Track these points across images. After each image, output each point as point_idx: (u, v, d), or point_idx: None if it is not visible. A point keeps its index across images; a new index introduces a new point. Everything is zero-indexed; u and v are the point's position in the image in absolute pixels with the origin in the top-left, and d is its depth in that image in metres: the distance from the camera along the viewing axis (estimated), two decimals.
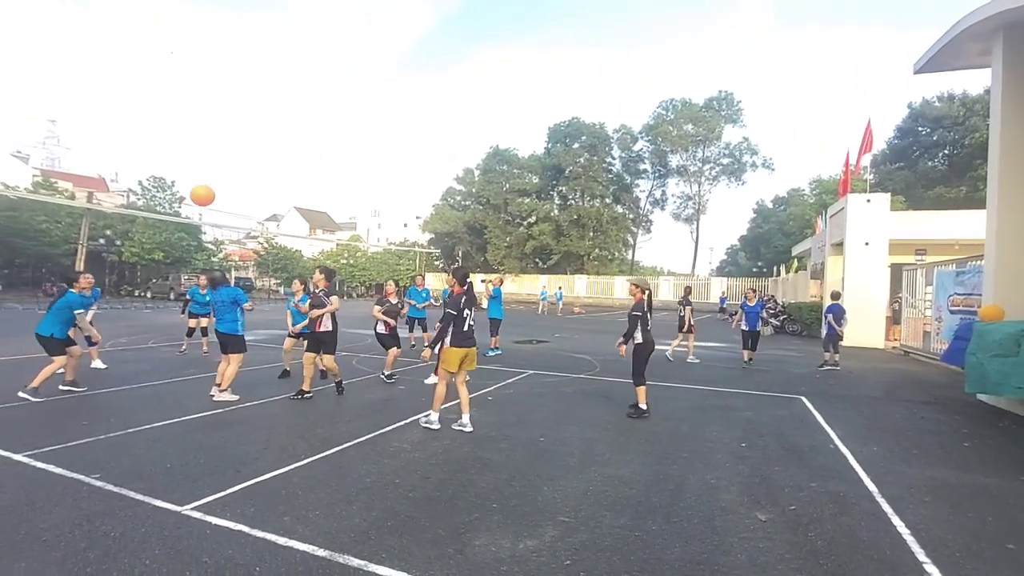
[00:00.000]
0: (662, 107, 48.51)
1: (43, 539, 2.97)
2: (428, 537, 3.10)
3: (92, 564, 2.72)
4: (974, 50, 8.36)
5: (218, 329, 6.70)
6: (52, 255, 32.03)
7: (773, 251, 44.32)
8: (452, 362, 5.31)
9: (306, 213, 79.73)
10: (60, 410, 5.90)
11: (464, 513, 3.44)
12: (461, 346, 5.33)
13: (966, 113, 36.74)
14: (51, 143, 69.09)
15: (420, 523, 3.28)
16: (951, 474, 4.52)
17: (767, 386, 8.39)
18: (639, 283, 6.46)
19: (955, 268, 11.46)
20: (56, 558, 2.78)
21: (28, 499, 3.50)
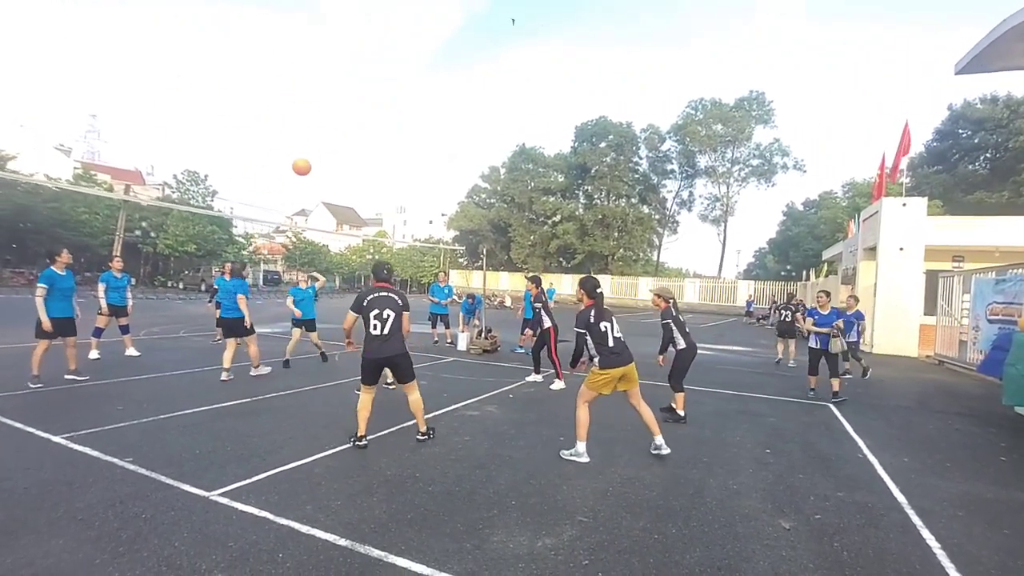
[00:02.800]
0: (691, 107, 47.77)
1: (79, 518, 3.10)
2: (446, 531, 3.13)
3: (124, 544, 2.83)
4: (1020, 50, 8.02)
5: (223, 316, 7.45)
6: (91, 245, 33.23)
7: (802, 255, 43.31)
8: (599, 384, 4.48)
9: (333, 208, 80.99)
10: (96, 395, 6.12)
11: (483, 509, 3.46)
12: (610, 367, 4.44)
13: (1010, 115, 35.32)
14: (91, 137, 71.71)
15: (439, 517, 3.31)
16: (986, 489, 4.37)
17: (794, 392, 8.21)
18: (661, 292, 6.20)
19: (995, 276, 11.04)
20: (91, 536, 2.89)
21: (66, 479, 3.64)
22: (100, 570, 2.59)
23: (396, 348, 4.64)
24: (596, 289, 4.71)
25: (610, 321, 4.57)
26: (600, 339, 4.47)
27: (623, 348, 4.56)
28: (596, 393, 4.55)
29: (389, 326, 4.57)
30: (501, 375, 8.47)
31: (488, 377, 8.23)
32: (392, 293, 4.70)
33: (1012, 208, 26.78)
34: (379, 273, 4.85)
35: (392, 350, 4.61)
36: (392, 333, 4.59)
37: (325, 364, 8.75)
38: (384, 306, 4.59)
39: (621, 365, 4.48)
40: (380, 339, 4.56)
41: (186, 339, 11.28)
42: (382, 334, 4.55)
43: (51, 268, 6.53)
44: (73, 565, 2.62)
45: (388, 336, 4.57)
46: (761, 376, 9.84)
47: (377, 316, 4.55)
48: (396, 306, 4.63)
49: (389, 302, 4.62)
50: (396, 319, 4.61)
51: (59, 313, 6.53)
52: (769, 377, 9.73)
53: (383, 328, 4.55)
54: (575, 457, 4.50)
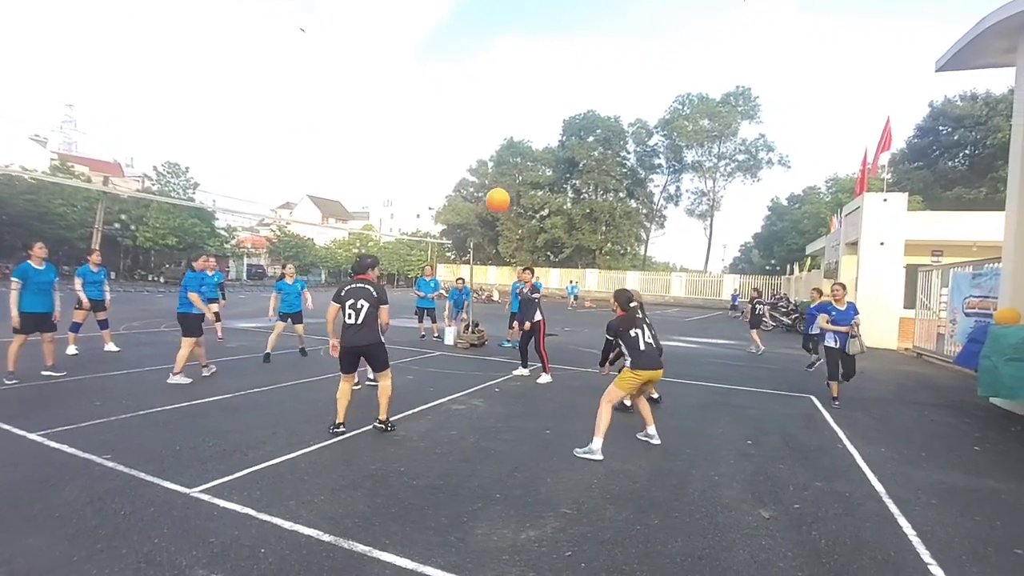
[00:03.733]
0: (678, 101, 47.93)
1: (56, 515, 3.05)
2: (431, 525, 3.13)
3: (103, 541, 2.79)
4: (999, 47, 8.16)
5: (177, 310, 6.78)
6: (69, 238, 32.55)
7: (787, 249, 43.85)
8: (630, 385, 4.67)
9: (319, 201, 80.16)
10: (74, 391, 6.01)
11: (467, 502, 3.47)
12: (642, 368, 4.63)
13: (989, 113, 35.91)
14: (68, 127, 70.02)
15: (423, 511, 3.31)
16: (960, 477, 4.47)
17: (776, 384, 8.33)
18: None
19: (972, 270, 11.27)
20: (68, 534, 2.85)
21: (42, 477, 3.58)
22: (78, 567, 2.55)
23: (369, 338, 4.75)
24: (630, 303, 4.86)
25: (642, 328, 4.77)
26: (632, 344, 4.71)
27: (653, 352, 4.74)
28: (624, 393, 4.74)
29: (363, 316, 4.70)
30: (488, 369, 8.47)
31: (475, 371, 8.23)
32: (368, 285, 4.83)
33: (989, 204, 27.31)
34: (359, 265, 5.03)
35: (364, 339, 4.74)
36: (366, 323, 4.72)
37: (305, 359, 8.68)
38: (358, 296, 4.74)
39: (652, 368, 4.68)
40: (354, 328, 4.72)
41: (167, 333, 11.11)
42: (356, 323, 4.70)
43: (27, 262, 6.39)
44: (50, 563, 2.58)
45: (362, 325, 4.71)
46: (743, 369, 9.96)
47: (352, 306, 4.72)
48: (370, 297, 4.75)
49: (364, 293, 4.76)
50: (370, 310, 4.72)
51: (36, 308, 6.39)
52: (751, 369, 9.85)
53: (357, 317, 4.70)
54: (589, 455, 4.44)
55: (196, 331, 6.71)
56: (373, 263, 5.08)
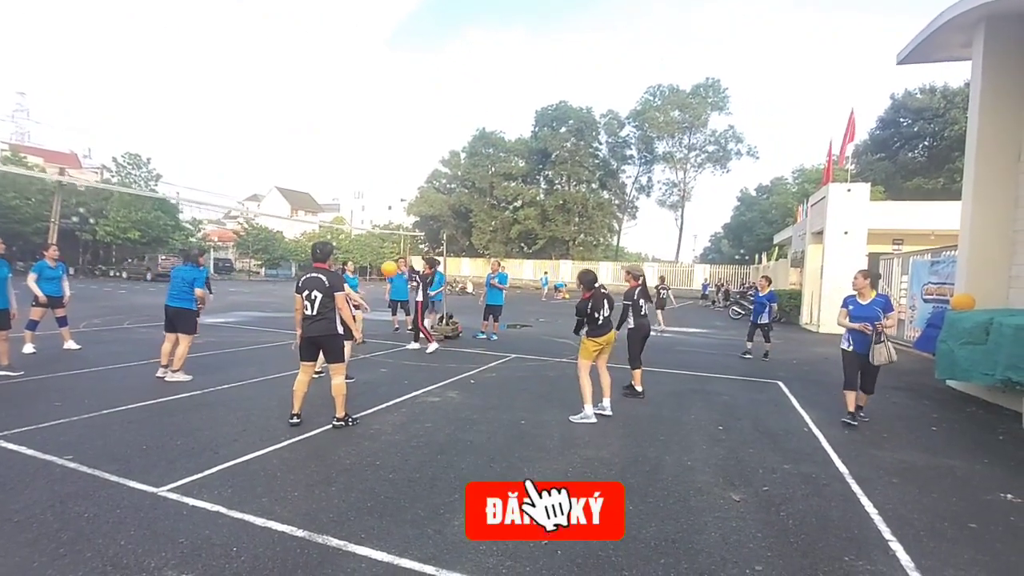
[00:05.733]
0: (649, 92, 48.44)
1: (15, 520, 2.93)
2: (407, 518, 3.11)
3: (65, 545, 2.69)
4: (956, 42, 8.44)
5: (168, 304, 6.55)
6: (23, 233, 31.09)
7: (755, 239, 44.82)
8: (590, 352, 5.35)
9: (288, 193, 78.32)
10: (32, 391, 5.77)
11: (444, 495, 3.46)
12: (597, 336, 5.33)
13: (946, 105, 37.25)
14: (20, 116, 66.69)
15: (399, 504, 3.29)
16: (919, 457, 4.67)
17: (746, 371, 8.53)
18: (632, 270, 6.63)
19: (930, 258, 11.71)
20: (28, 539, 2.74)
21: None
22: (38, 573, 2.46)
23: (323, 329, 4.71)
24: (594, 283, 5.43)
25: (602, 305, 5.31)
26: (592, 321, 5.33)
27: (607, 322, 5.40)
28: (591, 360, 5.37)
29: (316, 306, 4.67)
30: (462, 361, 8.45)
31: (449, 363, 8.20)
32: (321, 274, 4.74)
33: (947, 194, 28.40)
34: (313, 253, 4.92)
35: (318, 330, 4.71)
36: (321, 313, 4.68)
37: (279, 354, 8.51)
38: (312, 287, 4.70)
39: (604, 334, 5.36)
40: (310, 319, 4.71)
41: (131, 330, 10.76)
42: (312, 314, 4.70)
43: None
44: (8, 569, 2.48)
45: (317, 316, 4.69)
46: (715, 357, 10.18)
47: (307, 296, 4.70)
48: (322, 287, 4.68)
49: (317, 283, 4.70)
50: (324, 299, 4.67)
51: None
52: (723, 358, 10.07)
53: (312, 308, 4.69)
54: (584, 419, 5.17)
55: (195, 327, 6.65)
56: (328, 250, 4.95)
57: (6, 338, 6.40)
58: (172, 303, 6.54)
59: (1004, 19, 7.49)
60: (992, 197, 7.64)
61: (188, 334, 6.52)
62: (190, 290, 6.55)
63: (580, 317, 5.39)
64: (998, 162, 7.61)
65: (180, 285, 6.53)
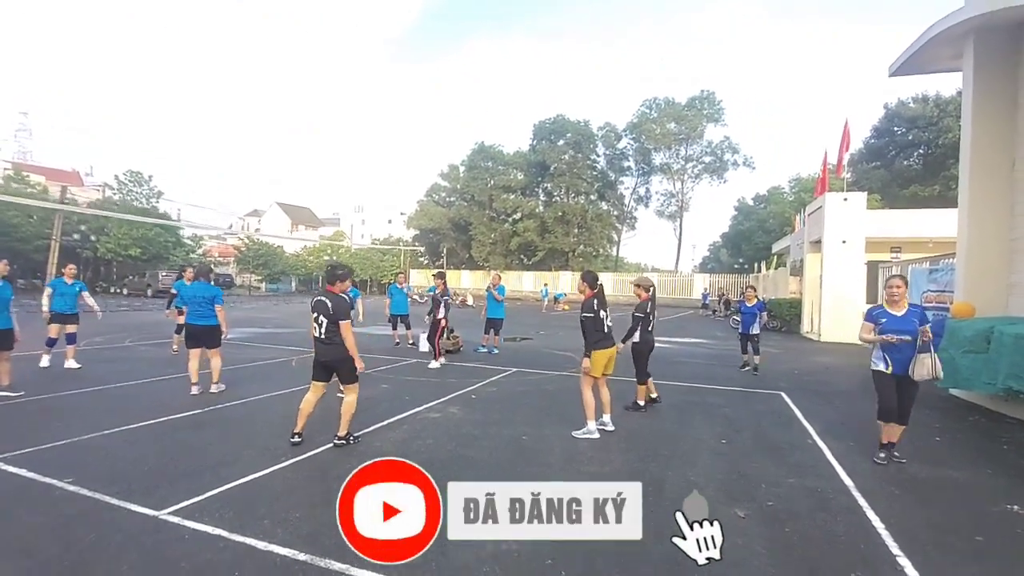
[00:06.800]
0: (645, 105, 48.79)
1: (16, 547, 2.91)
2: None
3: (67, 571, 2.68)
4: (946, 54, 8.55)
5: (192, 323, 6.68)
6: (23, 251, 31.16)
7: (754, 248, 44.93)
8: (598, 365, 5.16)
9: (288, 209, 78.70)
10: (33, 412, 5.76)
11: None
12: (603, 348, 5.18)
13: (939, 114, 37.55)
14: (23, 136, 67.26)
15: None
16: (923, 468, 4.64)
17: (747, 382, 8.51)
18: (641, 282, 6.56)
19: (928, 266, 11.73)
20: (30, 565, 2.73)
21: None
22: None
23: (332, 354, 4.67)
24: (597, 282, 5.37)
25: (606, 310, 5.23)
26: (598, 325, 5.16)
27: (611, 334, 5.31)
28: (599, 375, 5.22)
29: (323, 331, 4.65)
30: (463, 376, 8.44)
31: (451, 378, 8.18)
32: (328, 299, 4.67)
33: (943, 201, 28.48)
34: (326, 276, 4.96)
35: (327, 355, 4.69)
36: (329, 338, 4.64)
37: (280, 371, 8.50)
38: (319, 311, 4.66)
39: (610, 346, 5.25)
40: (319, 341, 4.71)
41: (132, 348, 10.76)
42: (319, 337, 4.69)
43: None
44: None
45: (325, 340, 4.66)
46: (716, 368, 10.15)
47: (315, 319, 4.69)
48: (327, 312, 4.62)
49: (322, 307, 4.65)
50: (329, 326, 4.62)
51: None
52: (724, 368, 10.04)
53: (320, 331, 4.67)
54: (587, 435, 5.12)
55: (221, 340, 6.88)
56: (343, 275, 4.86)
57: (8, 358, 6.41)
58: (199, 321, 6.67)
59: (992, 31, 7.59)
60: (988, 206, 7.68)
61: (218, 347, 6.84)
62: (211, 306, 6.69)
63: (588, 315, 5.17)
64: (992, 171, 7.67)
65: (201, 303, 6.66)
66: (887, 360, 4.61)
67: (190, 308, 6.69)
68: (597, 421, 5.30)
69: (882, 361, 4.65)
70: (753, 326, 9.48)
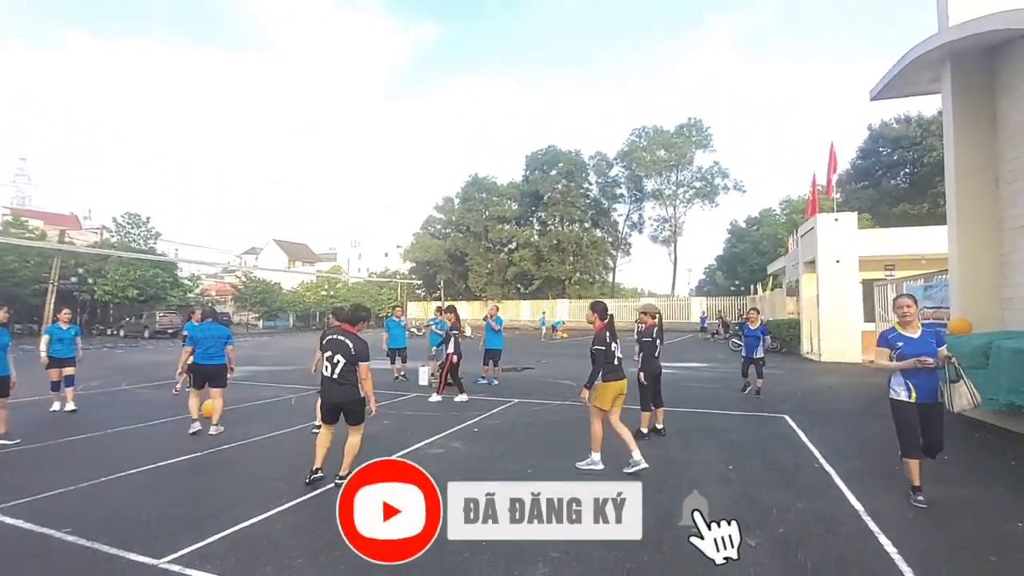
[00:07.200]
0: (635, 134, 49.90)
1: None
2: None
3: None
4: (925, 78, 8.81)
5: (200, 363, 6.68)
6: (20, 295, 31.10)
7: (749, 270, 45.22)
8: (607, 399, 4.93)
9: (285, 245, 79.07)
10: (29, 460, 5.67)
11: (453, 553, 3.37)
12: (613, 381, 4.95)
13: (923, 133, 38.42)
14: (21, 181, 67.95)
15: (407, 565, 3.20)
16: (932, 488, 4.58)
17: (750, 405, 8.46)
18: (648, 309, 6.57)
19: (923, 282, 11.83)
20: None
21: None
22: None
23: (345, 395, 4.52)
24: (607, 312, 5.21)
25: (616, 342, 5.05)
26: (609, 358, 4.95)
27: (621, 366, 5.09)
28: (608, 409, 4.96)
29: (339, 371, 4.47)
30: (464, 408, 8.37)
31: (452, 411, 8.12)
32: (347, 338, 4.53)
33: (932, 218, 28.89)
34: (340, 313, 4.81)
35: (340, 396, 4.52)
36: (343, 378, 4.48)
37: (280, 410, 8.42)
38: (336, 350, 4.50)
39: (620, 379, 5.00)
40: (330, 382, 4.52)
41: (129, 392, 10.65)
42: (332, 377, 4.49)
43: None
44: None
45: (338, 380, 4.48)
46: (719, 391, 10.10)
47: (329, 358, 4.50)
48: (348, 354, 4.47)
49: (342, 348, 4.49)
50: (347, 366, 4.47)
51: None
52: (726, 392, 9.99)
53: (333, 371, 4.48)
54: (592, 466, 4.96)
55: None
56: (366, 316, 4.84)
57: (4, 405, 6.35)
58: (209, 361, 6.68)
59: (968, 55, 7.85)
60: (976, 223, 7.81)
61: (223, 387, 6.85)
62: (222, 346, 6.78)
63: (599, 348, 4.89)
64: (977, 189, 7.82)
65: (215, 343, 6.72)
66: (909, 387, 4.11)
67: (201, 348, 6.70)
68: (628, 463, 4.94)
69: (904, 388, 4.14)
70: (757, 349, 9.22)
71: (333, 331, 4.67)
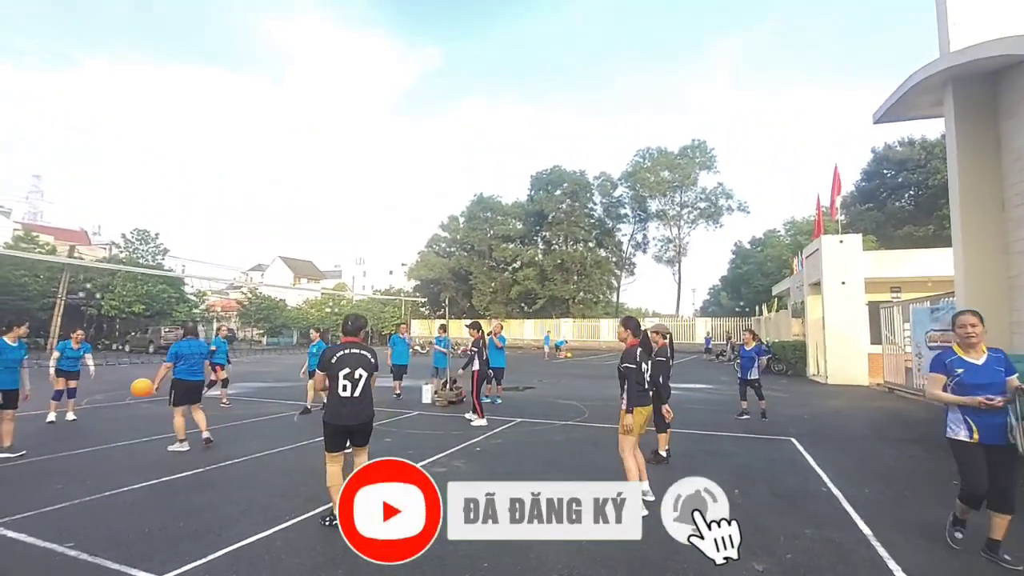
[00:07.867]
0: (639, 155, 50.27)
1: None
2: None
3: None
4: (927, 101, 8.88)
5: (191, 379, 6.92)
6: (28, 310, 31.30)
7: (753, 291, 45.03)
8: (636, 424, 4.53)
9: (291, 262, 79.57)
10: (33, 473, 5.67)
11: (454, 573, 3.34)
12: (644, 405, 4.60)
13: (927, 156, 38.52)
14: (35, 197, 68.98)
15: (409, 567, 3.18)
16: (943, 514, 4.48)
17: (756, 428, 8.37)
18: (659, 329, 6.46)
19: (929, 305, 11.77)
20: None
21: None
22: None
23: (369, 413, 4.17)
24: (640, 328, 4.79)
25: (647, 362, 4.66)
26: (639, 379, 4.52)
27: (648, 390, 4.71)
28: (636, 436, 4.59)
29: (361, 387, 4.07)
30: (467, 428, 8.32)
31: (455, 430, 8.07)
32: (363, 350, 4.19)
33: (938, 240, 28.78)
34: (345, 326, 4.39)
35: (362, 415, 4.10)
36: (365, 395, 4.12)
37: (282, 426, 8.40)
38: (356, 365, 4.06)
39: (647, 404, 4.67)
40: (352, 402, 4.03)
41: (133, 406, 10.64)
42: (353, 396, 4.03)
43: (1, 339, 6.42)
44: None
45: (360, 399, 4.07)
46: (724, 414, 10.00)
47: (347, 376, 4.02)
48: (368, 365, 4.13)
49: (361, 361, 4.10)
50: (367, 380, 4.13)
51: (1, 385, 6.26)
52: (732, 414, 9.88)
53: (354, 390, 4.03)
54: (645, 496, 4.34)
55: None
56: (362, 324, 4.51)
57: (12, 418, 6.40)
58: (194, 377, 6.98)
59: (970, 79, 7.91)
60: (982, 247, 7.78)
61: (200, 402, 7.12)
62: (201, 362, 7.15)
63: (629, 367, 4.49)
64: (983, 213, 7.81)
65: (198, 360, 7.03)
66: (970, 425, 3.43)
67: (184, 364, 6.84)
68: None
69: (963, 427, 3.46)
70: (751, 370, 9.15)
71: (344, 347, 4.17)
